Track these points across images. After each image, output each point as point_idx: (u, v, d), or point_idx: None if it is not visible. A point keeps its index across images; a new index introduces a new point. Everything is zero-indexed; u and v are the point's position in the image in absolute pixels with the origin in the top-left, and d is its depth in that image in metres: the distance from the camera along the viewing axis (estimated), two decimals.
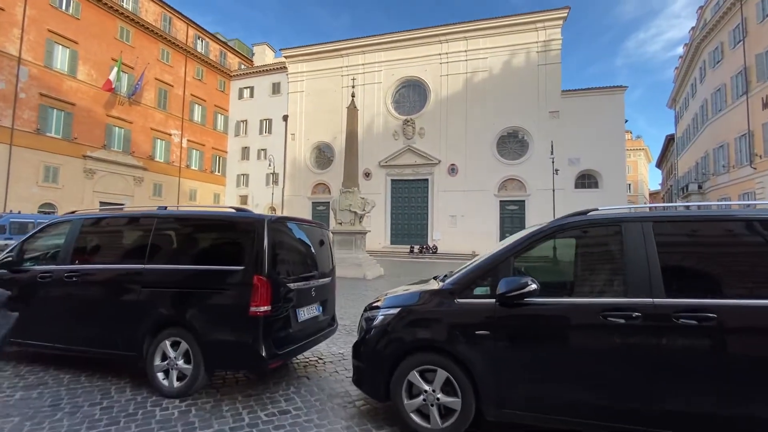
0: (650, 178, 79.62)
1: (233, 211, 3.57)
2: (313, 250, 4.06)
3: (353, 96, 19.18)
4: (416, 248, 31.39)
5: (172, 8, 35.75)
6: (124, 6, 31.39)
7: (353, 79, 22.35)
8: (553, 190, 27.19)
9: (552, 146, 27.64)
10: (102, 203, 29.44)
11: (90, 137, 28.61)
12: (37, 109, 25.97)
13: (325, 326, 4.15)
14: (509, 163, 32.03)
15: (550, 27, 32.05)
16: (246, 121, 41.61)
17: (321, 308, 4.08)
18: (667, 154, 52.98)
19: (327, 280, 4.28)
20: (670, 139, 48.18)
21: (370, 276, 16.00)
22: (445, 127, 33.73)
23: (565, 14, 31.70)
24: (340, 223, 17.60)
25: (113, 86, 29.56)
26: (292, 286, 3.51)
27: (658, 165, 63.10)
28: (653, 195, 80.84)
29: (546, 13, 31.94)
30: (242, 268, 3.22)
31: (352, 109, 18.62)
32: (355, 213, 17.35)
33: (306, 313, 3.70)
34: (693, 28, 38.09)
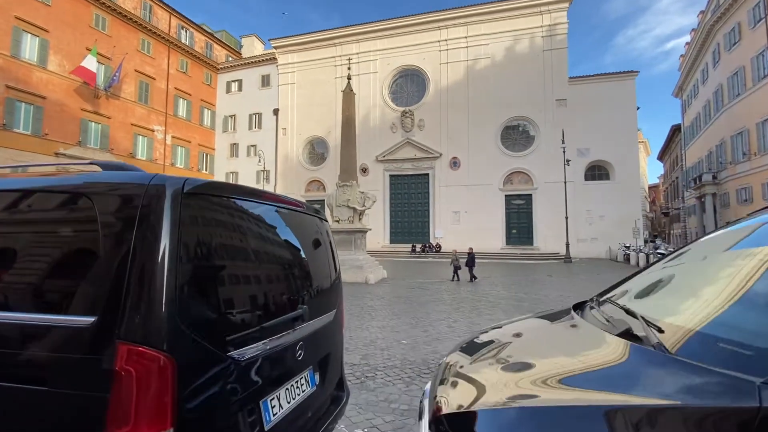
0: (649, 172, 78.43)
1: (98, 170, 1.40)
2: (304, 258, 2.07)
3: (349, 78, 17.21)
4: (418, 247, 29.50)
5: None
6: None
7: (349, 59, 20.42)
8: (565, 182, 25.38)
9: (563, 135, 25.84)
10: None
11: (62, 133, 26.33)
12: (3, 103, 23.65)
13: (326, 407, 2.09)
14: (514, 155, 30.20)
15: (555, 10, 30.24)
16: (234, 116, 39.42)
17: (317, 376, 2.00)
18: (672, 145, 51.52)
19: (328, 316, 2.19)
20: (675, 130, 46.68)
21: (372, 280, 14.10)
22: (446, 119, 31.82)
23: None
24: (338, 221, 15.64)
25: (95, 78, 27.30)
26: (247, 354, 1.43)
27: (660, 157, 61.72)
28: (652, 188, 79.76)
29: None
30: (92, 320, 1.13)
31: (349, 93, 16.66)
32: (354, 209, 15.41)
33: (285, 399, 1.66)
34: (702, 11, 36.49)
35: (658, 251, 20.07)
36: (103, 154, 28.79)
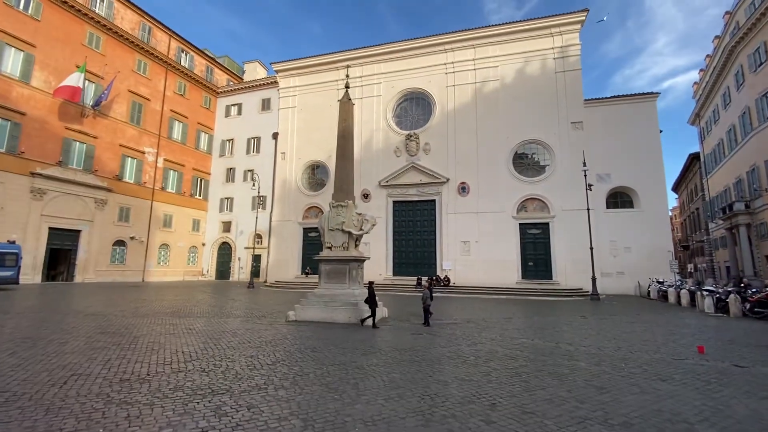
0: None
1: None
2: None
3: (347, 87, 15.24)
4: (424, 280, 26.51)
5: (153, 18, 32.84)
6: (96, 11, 28.28)
7: (347, 66, 18.67)
8: (588, 210, 22.84)
9: (584, 156, 23.63)
10: (52, 229, 24.91)
11: (41, 152, 24.52)
12: None
13: None
14: (528, 180, 27.90)
15: (566, 32, 28.93)
16: (232, 140, 37.90)
17: None
18: (689, 174, 49.20)
19: None
20: (693, 158, 44.46)
21: (369, 320, 11.33)
22: (453, 142, 29.89)
23: (583, 17, 28.70)
24: (330, 247, 13.13)
25: (80, 94, 25.79)
26: None
27: (675, 188, 59.27)
28: None
29: (561, 17, 28.93)
30: None
31: (346, 102, 14.62)
32: (350, 233, 12.90)
33: None
34: (718, 36, 35.36)
35: (705, 288, 17.18)
36: (85, 176, 26.86)
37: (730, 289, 15.72)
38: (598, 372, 5.98)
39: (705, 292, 16.71)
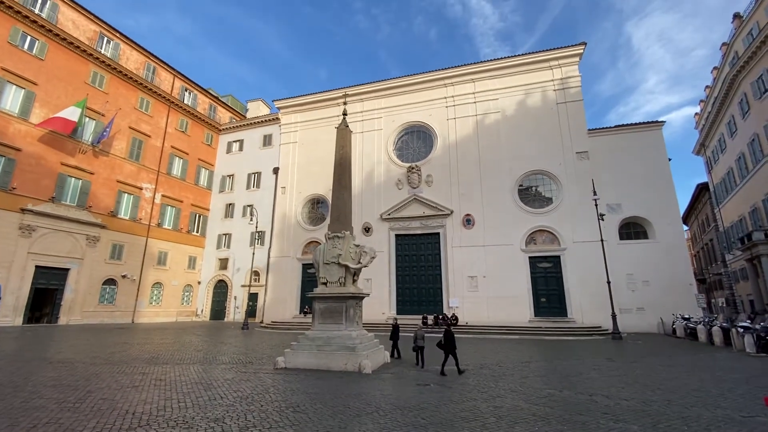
0: None
1: None
2: None
3: (345, 114, 14.66)
4: (430, 319, 24.91)
5: (158, 58, 33.55)
6: (102, 51, 28.82)
7: (345, 94, 18.25)
8: (602, 241, 21.60)
9: (593, 185, 22.70)
10: (39, 268, 23.82)
11: (34, 188, 23.95)
12: None
13: None
14: (535, 212, 26.86)
15: (565, 65, 29.03)
16: (233, 175, 37.56)
17: None
18: (698, 205, 48.09)
19: None
20: (702, 188, 43.52)
21: (368, 368, 9.95)
22: (456, 174, 29.22)
23: (581, 50, 28.87)
24: (325, 283, 11.89)
25: (74, 128, 25.55)
26: None
27: (684, 220, 57.87)
28: None
29: (559, 51, 29.12)
30: None
31: (344, 129, 13.97)
32: (347, 267, 11.72)
33: None
34: (717, 68, 35.57)
35: (741, 324, 15.57)
36: (79, 212, 26.13)
37: None
38: None
39: (740, 329, 15.11)
